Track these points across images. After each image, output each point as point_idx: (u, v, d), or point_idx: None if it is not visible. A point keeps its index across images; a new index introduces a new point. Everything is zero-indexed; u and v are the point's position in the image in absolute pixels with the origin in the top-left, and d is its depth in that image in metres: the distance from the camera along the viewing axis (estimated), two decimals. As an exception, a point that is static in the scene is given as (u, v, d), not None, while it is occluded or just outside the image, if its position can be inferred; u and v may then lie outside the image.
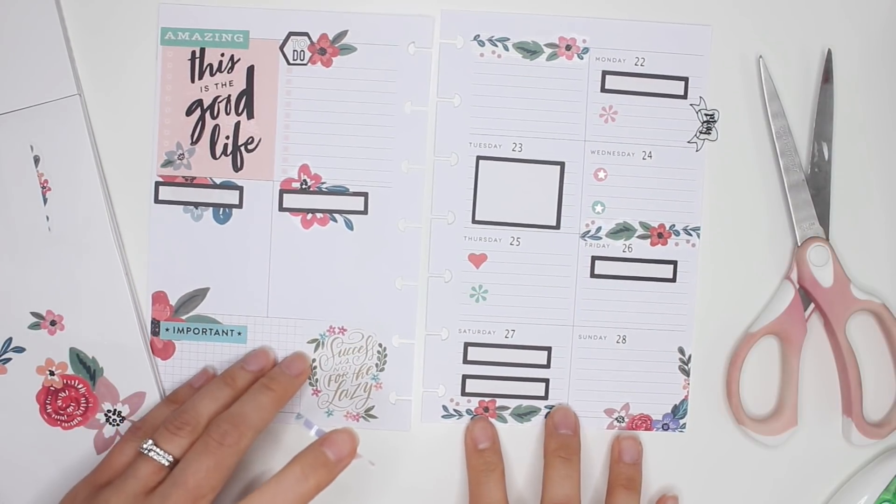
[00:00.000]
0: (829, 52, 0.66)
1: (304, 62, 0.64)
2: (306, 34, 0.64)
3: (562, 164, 0.66)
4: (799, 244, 0.66)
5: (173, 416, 0.59)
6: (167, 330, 0.65)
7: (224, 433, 0.57)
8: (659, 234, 0.66)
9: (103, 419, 0.64)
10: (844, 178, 0.67)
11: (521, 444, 0.67)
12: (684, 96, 0.66)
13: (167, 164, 0.65)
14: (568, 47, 0.65)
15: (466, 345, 0.66)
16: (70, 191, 0.63)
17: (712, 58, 0.66)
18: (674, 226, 0.66)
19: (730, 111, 0.66)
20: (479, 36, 0.65)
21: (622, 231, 0.66)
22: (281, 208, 0.65)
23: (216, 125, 0.64)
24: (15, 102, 0.62)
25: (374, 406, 0.66)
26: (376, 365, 0.66)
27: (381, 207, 0.65)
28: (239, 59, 0.64)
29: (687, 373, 0.67)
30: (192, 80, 0.64)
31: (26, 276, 0.63)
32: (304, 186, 0.65)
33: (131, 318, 0.64)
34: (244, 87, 0.64)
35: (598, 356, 0.67)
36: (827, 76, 0.66)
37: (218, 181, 0.65)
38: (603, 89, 0.66)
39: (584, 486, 0.66)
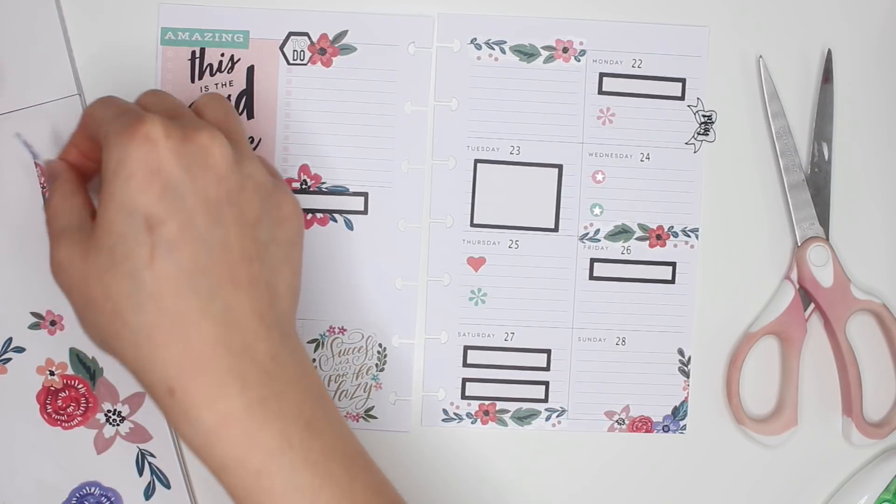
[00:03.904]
0: (829, 52, 0.66)
1: (304, 62, 0.65)
2: (306, 34, 0.65)
3: (560, 167, 0.66)
4: (799, 244, 0.66)
5: None
6: (167, 330, 0.65)
7: None
8: (657, 236, 0.66)
9: (103, 419, 0.64)
10: (844, 178, 0.67)
11: (521, 447, 0.67)
12: (682, 98, 0.66)
13: (167, 164, 0.65)
14: (565, 50, 0.66)
15: (466, 348, 0.66)
16: (70, 191, 0.63)
17: (710, 59, 0.66)
18: (672, 227, 0.66)
19: (727, 112, 0.66)
20: (475, 39, 0.65)
21: (621, 233, 0.66)
22: (281, 208, 0.65)
23: (216, 125, 0.65)
24: (15, 102, 0.63)
25: (373, 406, 0.66)
26: (376, 365, 0.66)
27: (381, 207, 0.65)
28: (239, 59, 0.64)
29: (687, 374, 0.67)
30: (193, 81, 0.64)
31: (26, 276, 0.63)
32: (303, 186, 0.65)
33: (131, 318, 0.64)
34: (244, 87, 0.65)
35: (598, 358, 0.67)
36: (827, 76, 0.66)
37: (218, 181, 0.65)
38: (600, 91, 0.66)
39: (583, 490, 0.66)
